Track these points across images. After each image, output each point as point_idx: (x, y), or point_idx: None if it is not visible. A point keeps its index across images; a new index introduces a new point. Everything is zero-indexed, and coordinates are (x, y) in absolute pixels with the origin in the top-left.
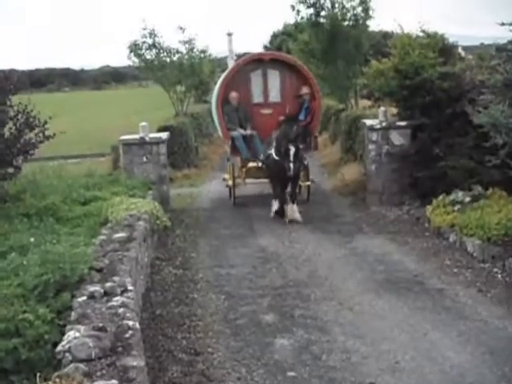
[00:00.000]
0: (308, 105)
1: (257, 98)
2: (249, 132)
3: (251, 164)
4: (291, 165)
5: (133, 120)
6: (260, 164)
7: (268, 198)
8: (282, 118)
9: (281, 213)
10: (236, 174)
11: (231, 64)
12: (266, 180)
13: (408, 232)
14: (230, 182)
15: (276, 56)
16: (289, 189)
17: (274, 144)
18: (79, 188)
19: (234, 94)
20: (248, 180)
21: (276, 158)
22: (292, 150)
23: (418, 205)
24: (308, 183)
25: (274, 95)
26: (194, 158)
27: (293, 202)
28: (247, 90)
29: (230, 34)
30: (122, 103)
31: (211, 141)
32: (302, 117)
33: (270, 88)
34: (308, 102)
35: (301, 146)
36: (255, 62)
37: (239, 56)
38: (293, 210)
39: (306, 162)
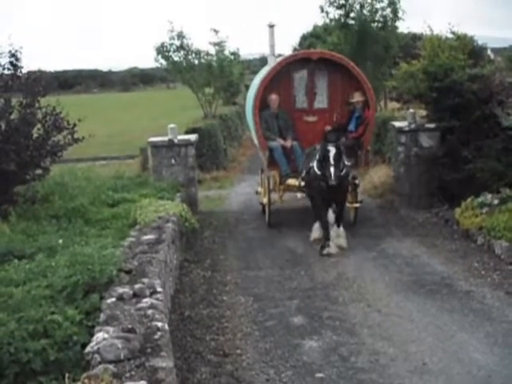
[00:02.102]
0: (360, 114)
1: (300, 102)
2: (290, 143)
3: (291, 181)
4: (332, 170)
5: (161, 122)
6: (300, 182)
7: (308, 213)
8: (328, 127)
9: (324, 239)
10: (271, 189)
11: (272, 61)
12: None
13: (436, 234)
14: (265, 200)
15: (326, 55)
16: (333, 208)
17: (318, 155)
18: (107, 190)
19: (274, 97)
20: (286, 197)
21: (318, 172)
22: (332, 151)
23: (446, 207)
24: (356, 205)
25: (321, 100)
26: (222, 160)
27: (338, 225)
28: (289, 94)
29: (271, 26)
30: (149, 105)
31: (240, 143)
32: (352, 127)
33: (317, 92)
34: (360, 111)
35: (348, 163)
36: (301, 61)
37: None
38: (338, 235)
39: (357, 182)
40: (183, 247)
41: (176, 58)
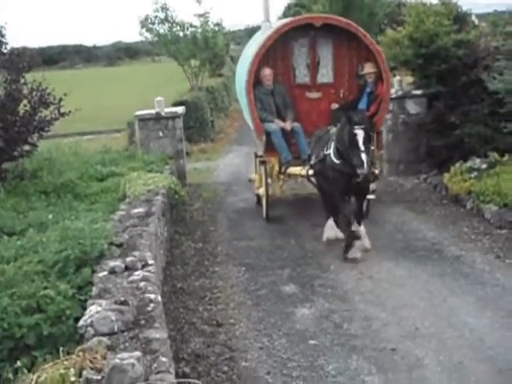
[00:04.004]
0: (372, 89)
1: (301, 77)
2: (290, 125)
3: (293, 169)
4: (364, 157)
5: (147, 95)
6: (308, 170)
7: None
8: (335, 105)
9: (348, 239)
10: (269, 180)
11: (267, 28)
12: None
13: (426, 200)
14: (261, 191)
15: (331, 20)
16: (353, 202)
17: (334, 140)
18: (96, 164)
19: (267, 72)
20: (286, 189)
21: (336, 160)
22: (360, 134)
23: (435, 173)
24: (371, 197)
25: (325, 74)
26: (209, 132)
27: (359, 223)
28: (288, 67)
29: None
30: (135, 79)
31: (227, 114)
32: (363, 105)
33: (320, 64)
34: (372, 86)
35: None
36: (301, 28)
37: (253, 30)
38: (360, 233)
39: (377, 171)
40: (173, 220)
41: (161, 31)
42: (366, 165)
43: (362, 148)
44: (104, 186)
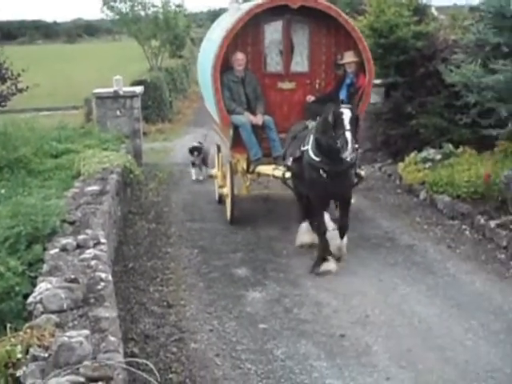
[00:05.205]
0: (352, 80)
1: (273, 65)
2: (261, 118)
3: (263, 168)
4: (348, 136)
5: (106, 74)
6: (285, 173)
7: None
8: (310, 97)
9: (322, 251)
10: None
11: (234, 10)
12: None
13: (380, 189)
14: (225, 191)
15: (309, 2)
16: (331, 208)
17: (313, 134)
18: (51, 140)
19: (240, 56)
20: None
21: (315, 157)
22: (347, 114)
23: (390, 162)
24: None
25: (300, 62)
26: (167, 113)
27: (342, 236)
28: (259, 53)
29: None
30: (95, 57)
31: (185, 96)
32: (341, 97)
33: (295, 51)
34: (353, 77)
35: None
36: (275, 9)
37: (216, 14)
38: (339, 247)
39: (363, 173)
40: (127, 199)
41: (122, 10)
42: (350, 145)
43: (348, 127)
44: (58, 163)
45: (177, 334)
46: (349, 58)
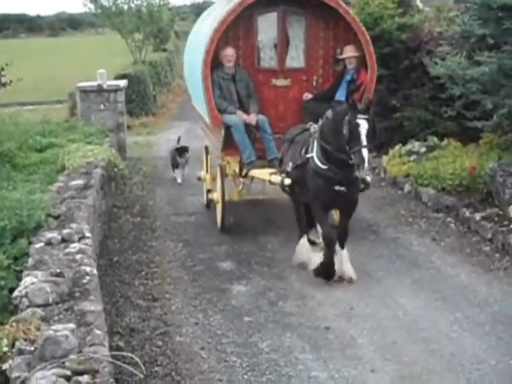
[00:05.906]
0: (353, 77)
1: (267, 60)
2: (255, 118)
3: (257, 172)
4: (365, 154)
5: (90, 67)
6: (284, 179)
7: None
8: (307, 95)
9: (328, 266)
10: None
11: (225, 1)
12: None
13: None
14: (215, 196)
15: None
16: (331, 216)
17: (317, 140)
18: (35, 135)
19: (229, 52)
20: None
21: (321, 165)
22: (364, 126)
23: (374, 155)
24: None
25: (295, 57)
26: (151, 106)
27: (342, 246)
28: (252, 47)
29: None
30: (79, 50)
31: (169, 89)
32: (341, 95)
33: (290, 45)
34: (354, 73)
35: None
36: (269, 0)
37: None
38: (342, 260)
39: (369, 179)
40: (112, 193)
41: (105, 3)
42: (366, 164)
43: (365, 143)
44: (43, 157)
45: (162, 328)
46: (349, 52)
